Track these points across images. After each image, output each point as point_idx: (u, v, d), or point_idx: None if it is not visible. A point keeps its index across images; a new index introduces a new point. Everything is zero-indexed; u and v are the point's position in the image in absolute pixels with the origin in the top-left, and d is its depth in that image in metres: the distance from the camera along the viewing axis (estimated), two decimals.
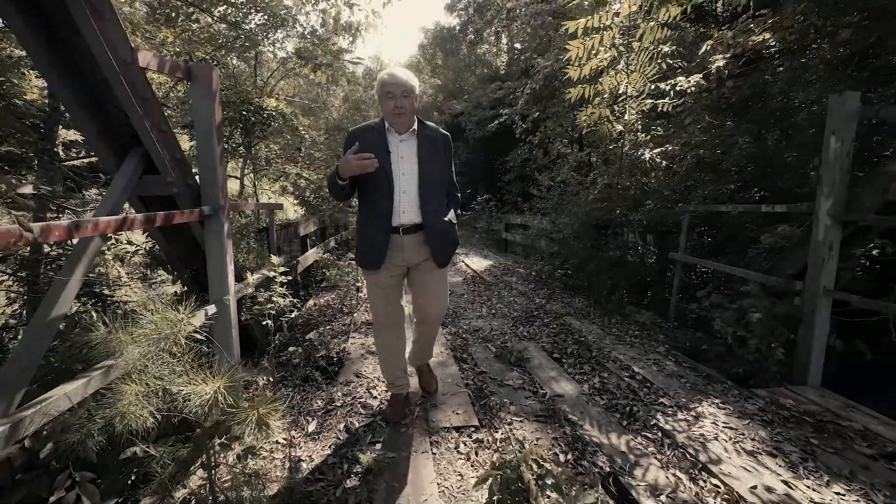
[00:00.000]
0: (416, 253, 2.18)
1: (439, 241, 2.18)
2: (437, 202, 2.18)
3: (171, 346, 1.32)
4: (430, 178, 2.13)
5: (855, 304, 2.85)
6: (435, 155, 2.16)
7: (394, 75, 1.99)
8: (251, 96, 6.63)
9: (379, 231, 2.07)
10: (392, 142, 2.09)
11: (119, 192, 1.97)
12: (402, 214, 2.10)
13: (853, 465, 2.10)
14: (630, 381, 3.04)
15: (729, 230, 5.54)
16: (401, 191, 2.08)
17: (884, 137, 3.87)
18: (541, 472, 1.18)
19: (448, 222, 2.23)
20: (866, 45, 4.92)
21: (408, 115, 2.03)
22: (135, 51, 1.84)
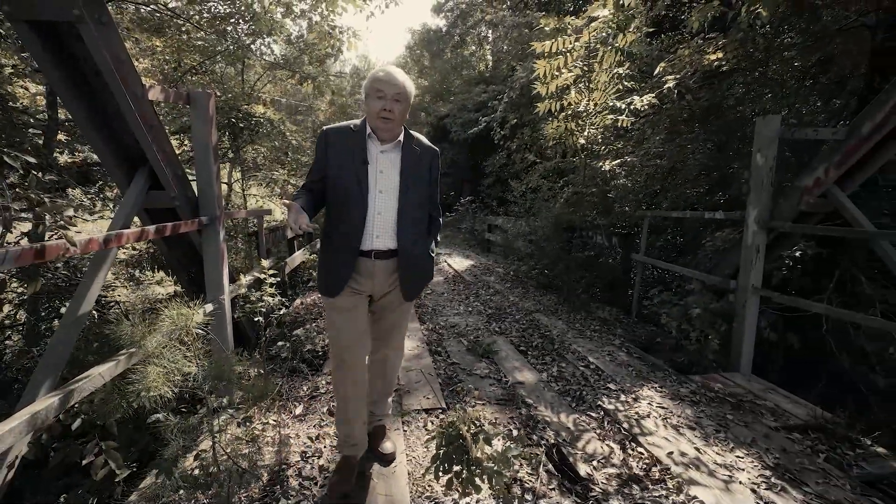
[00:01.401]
0: (386, 281, 1.87)
1: (412, 273, 1.90)
2: (416, 229, 1.86)
3: (183, 335, 1.65)
4: (411, 201, 1.81)
5: (775, 300, 3.27)
6: (420, 173, 1.85)
7: (390, 74, 1.69)
8: (239, 103, 6.89)
9: (346, 253, 1.77)
10: (372, 151, 1.77)
11: (130, 206, 2.27)
12: (376, 238, 1.78)
13: (756, 435, 2.50)
14: (584, 370, 3.42)
15: (692, 233, 6.00)
16: (375, 211, 1.76)
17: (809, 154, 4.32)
18: (476, 430, 1.53)
19: (428, 252, 1.94)
20: (812, 63, 5.40)
21: (396, 122, 1.73)
22: (145, 87, 2.16)
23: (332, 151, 1.77)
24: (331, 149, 1.77)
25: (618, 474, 2.16)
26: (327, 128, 1.83)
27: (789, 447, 2.39)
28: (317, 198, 1.81)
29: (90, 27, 1.82)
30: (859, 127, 2.81)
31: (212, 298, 2.79)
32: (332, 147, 1.77)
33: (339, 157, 1.76)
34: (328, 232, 1.84)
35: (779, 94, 5.36)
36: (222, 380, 1.53)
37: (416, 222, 1.88)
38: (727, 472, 2.15)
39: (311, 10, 6.36)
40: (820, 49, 5.13)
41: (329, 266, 1.84)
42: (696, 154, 5.20)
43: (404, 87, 1.72)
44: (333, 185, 1.77)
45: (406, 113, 1.78)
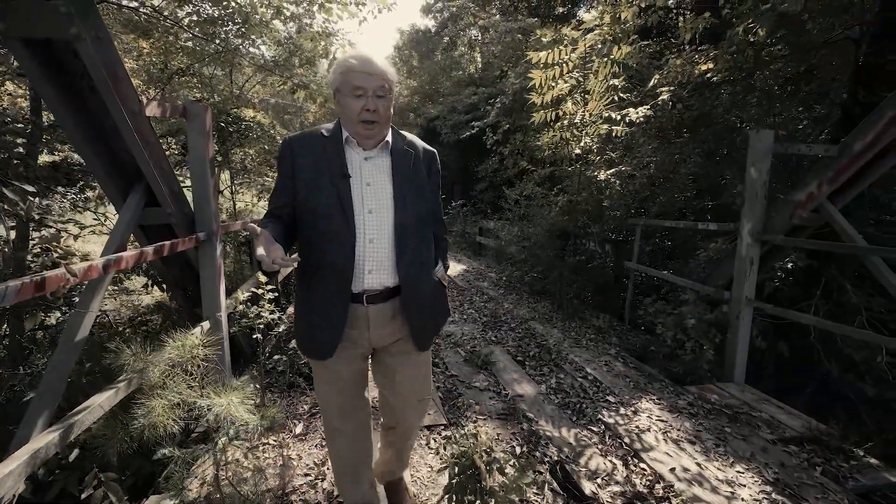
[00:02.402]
0: (388, 330, 1.47)
1: (423, 314, 1.48)
2: (420, 253, 1.46)
3: (189, 366, 1.61)
4: (410, 217, 1.40)
5: (769, 312, 3.33)
6: (419, 180, 1.46)
7: (366, 61, 1.28)
8: (228, 106, 6.77)
9: (331, 300, 1.37)
10: (353, 161, 1.38)
11: (126, 224, 2.21)
12: (368, 275, 1.37)
13: (755, 449, 2.55)
14: (582, 381, 3.44)
15: (682, 238, 6.10)
16: (366, 238, 1.36)
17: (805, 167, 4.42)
18: (489, 459, 1.52)
19: (436, 283, 1.55)
20: (797, 73, 5.53)
21: (383, 123, 1.35)
22: (142, 103, 2.10)
23: (302, 166, 1.36)
24: (299, 162, 1.37)
25: (622, 492, 2.17)
26: (290, 137, 1.42)
27: (787, 461, 2.44)
28: (287, 227, 1.40)
29: (87, 44, 1.76)
30: (851, 145, 2.88)
31: (209, 315, 2.74)
32: (300, 160, 1.37)
33: (311, 172, 1.35)
34: (304, 273, 1.42)
35: (765, 103, 5.49)
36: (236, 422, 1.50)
37: (421, 245, 1.46)
38: (729, 489, 2.18)
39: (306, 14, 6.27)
40: (805, 60, 5.26)
41: (310, 319, 1.42)
42: (688, 162, 5.28)
43: (386, 76, 1.31)
44: (306, 210, 1.36)
45: (391, 107, 1.37)
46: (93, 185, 5.44)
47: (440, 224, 1.63)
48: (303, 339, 1.49)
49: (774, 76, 5.46)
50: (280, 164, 1.43)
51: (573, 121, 4.42)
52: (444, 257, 1.66)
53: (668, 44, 7.14)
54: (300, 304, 1.49)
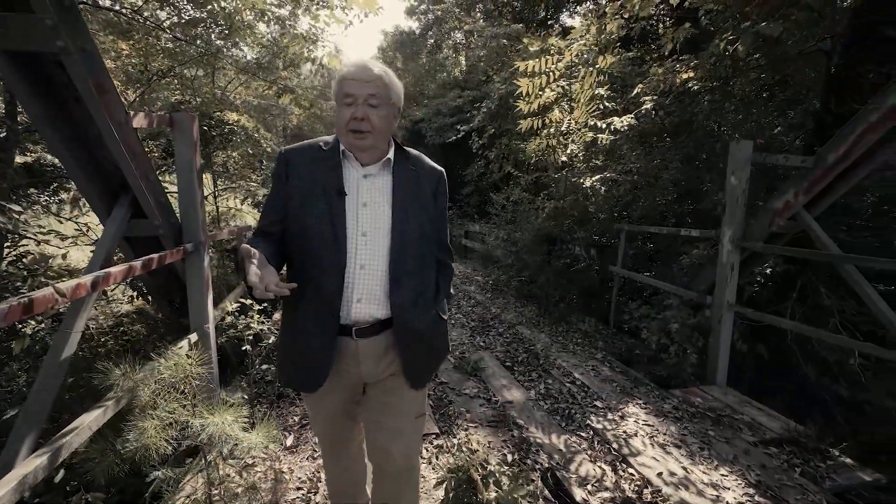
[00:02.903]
0: (379, 364, 1.35)
1: (418, 350, 1.36)
2: (417, 284, 1.33)
3: (181, 384, 1.59)
4: (409, 243, 1.30)
5: (749, 316, 3.44)
6: (422, 203, 1.35)
7: (360, 67, 1.23)
8: (211, 109, 6.66)
9: (317, 331, 1.27)
10: (350, 177, 1.30)
11: (112, 237, 2.17)
12: (356, 304, 1.27)
13: (738, 451, 2.63)
14: (570, 387, 3.49)
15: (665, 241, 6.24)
16: (357, 264, 1.25)
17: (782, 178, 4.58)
18: (485, 473, 1.55)
19: (436, 318, 1.40)
20: (773, 82, 5.73)
21: (376, 135, 1.25)
22: (129, 114, 2.06)
23: (296, 179, 1.28)
24: (294, 175, 1.28)
25: (612, 498, 2.22)
26: (287, 148, 1.34)
27: (768, 463, 2.52)
28: (279, 247, 1.30)
29: (74, 57, 1.73)
30: (825, 157, 3.00)
31: (196, 327, 2.70)
32: (294, 173, 1.28)
33: (305, 187, 1.26)
34: (290, 299, 1.24)
35: (742, 111, 5.67)
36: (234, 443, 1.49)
37: (418, 275, 1.33)
38: (714, 492, 2.25)
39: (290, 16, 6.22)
40: (781, 70, 5.45)
41: (294, 349, 1.32)
42: (670, 168, 5.41)
43: (382, 82, 1.23)
44: (295, 228, 1.27)
45: (391, 121, 1.28)
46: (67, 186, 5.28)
47: (446, 250, 1.48)
48: (286, 369, 1.38)
49: (751, 85, 5.64)
50: (274, 177, 1.33)
51: (560, 129, 4.49)
52: (447, 287, 1.50)
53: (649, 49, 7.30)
54: (284, 333, 1.38)
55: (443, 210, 1.44)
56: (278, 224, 1.31)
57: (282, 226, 1.31)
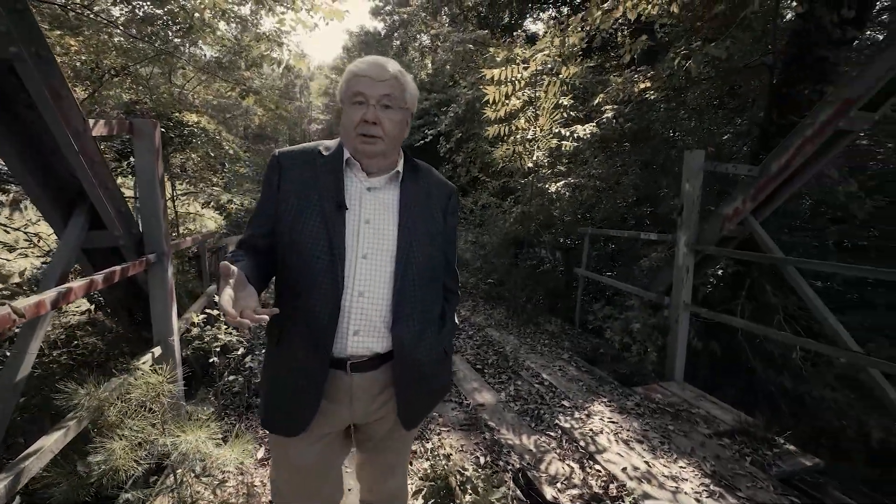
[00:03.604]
0: (373, 403, 1.20)
1: (419, 390, 1.22)
2: (423, 316, 1.18)
3: (151, 404, 1.55)
4: (415, 268, 1.15)
5: (703, 315, 3.65)
6: (432, 223, 1.21)
7: (375, 65, 1.09)
8: (169, 110, 6.41)
9: (306, 363, 1.12)
10: (352, 189, 1.15)
11: (69, 250, 2.07)
12: (353, 337, 1.12)
13: (695, 444, 2.80)
14: (539, 387, 3.60)
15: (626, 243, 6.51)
16: (355, 290, 1.11)
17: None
18: (462, 479, 1.60)
19: (441, 354, 1.26)
20: (722, 92, 6.09)
21: (387, 141, 1.11)
22: (87, 122, 1.98)
23: (289, 188, 1.13)
24: (287, 183, 1.13)
25: (580, 495, 2.32)
26: (282, 151, 1.18)
27: (722, 453, 2.70)
28: (264, 263, 1.15)
29: (28, 63, 1.65)
30: (769, 166, 3.24)
31: (160, 340, 2.61)
32: (288, 181, 1.13)
33: (300, 198, 1.12)
34: (275, 324, 1.15)
35: (695, 119, 6.01)
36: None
37: (424, 305, 1.18)
38: (674, 484, 2.39)
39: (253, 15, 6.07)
40: (729, 82, 5.81)
41: (280, 385, 1.16)
42: (629, 173, 5.66)
43: (397, 82, 1.10)
44: (286, 245, 1.12)
45: (404, 127, 1.15)
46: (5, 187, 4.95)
47: (452, 276, 1.34)
48: (267, 407, 1.19)
49: (703, 95, 5.99)
50: (265, 183, 1.18)
51: (525, 136, 4.62)
52: (452, 317, 1.33)
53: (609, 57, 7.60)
54: (269, 365, 1.21)
55: (453, 230, 1.30)
56: (267, 237, 1.16)
57: (271, 239, 1.16)
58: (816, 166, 3.31)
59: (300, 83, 24.38)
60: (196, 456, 1.48)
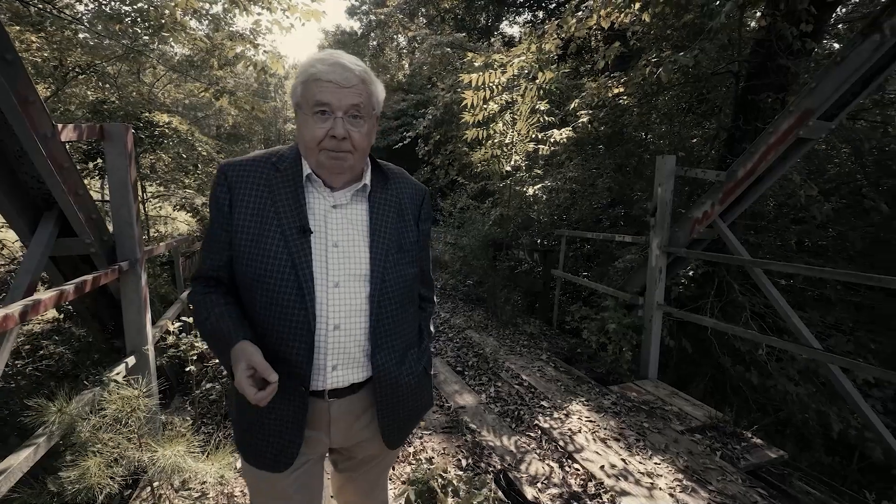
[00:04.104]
0: (353, 427, 1.13)
1: (401, 411, 1.13)
2: (403, 338, 1.12)
3: (128, 419, 1.52)
4: (392, 291, 1.06)
5: (675, 315, 3.78)
6: (404, 237, 1.10)
7: (338, 66, 0.94)
8: (139, 110, 6.22)
9: (281, 404, 1.01)
10: (316, 208, 1.02)
11: (37, 260, 1.99)
12: (332, 372, 1.03)
13: (668, 440, 2.90)
14: (519, 388, 3.65)
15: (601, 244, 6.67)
16: (329, 324, 1.00)
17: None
18: (444, 483, 1.62)
19: (423, 373, 1.18)
20: (692, 98, 6.30)
21: (357, 156, 0.99)
22: (56, 127, 1.92)
23: (242, 210, 0.99)
24: (240, 205, 0.99)
25: (560, 494, 2.37)
26: (228, 164, 1.02)
27: (694, 449, 2.81)
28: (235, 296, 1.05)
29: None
30: (735, 171, 3.38)
31: (134, 349, 2.54)
32: (241, 201, 0.99)
33: (256, 221, 0.98)
34: None
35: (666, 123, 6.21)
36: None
37: (403, 328, 1.10)
38: (650, 480, 2.47)
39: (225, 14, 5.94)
40: (698, 88, 6.02)
41: (256, 424, 1.04)
42: (604, 176, 5.81)
43: (365, 88, 0.96)
44: (246, 274, 0.99)
45: (373, 135, 1.03)
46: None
47: (428, 284, 1.26)
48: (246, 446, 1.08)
49: (673, 100, 6.19)
50: (213, 204, 1.01)
51: (503, 140, 4.69)
52: (428, 327, 1.27)
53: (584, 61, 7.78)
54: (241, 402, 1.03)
55: (426, 236, 1.19)
56: (228, 268, 1.03)
57: (232, 270, 1.03)
58: (780, 171, 3.47)
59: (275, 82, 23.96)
60: (174, 471, 1.46)
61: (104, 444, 1.50)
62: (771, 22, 3.80)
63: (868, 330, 4.43)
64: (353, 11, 22.70)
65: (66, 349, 3.26)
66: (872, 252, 4.96)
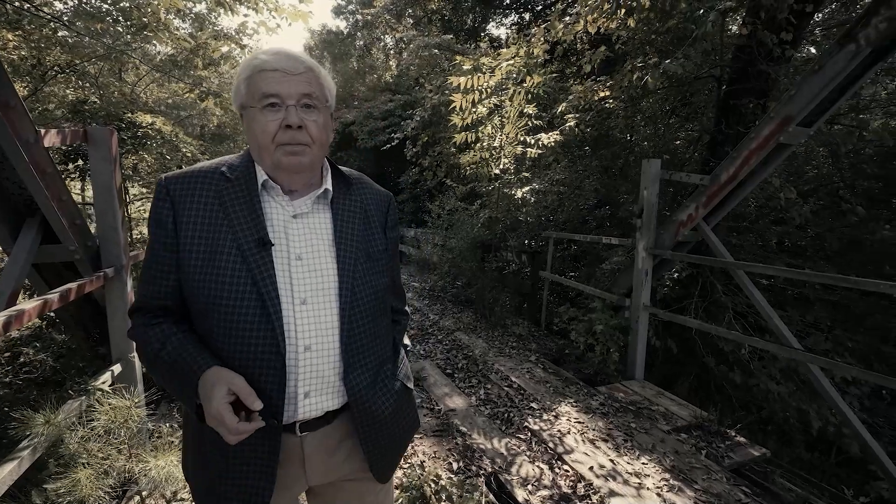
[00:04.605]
0: (331, 463, 1.01)
1: (384, 436, 1.02)
2: (377, 354, 1.02)
3: (119, 430, 1.50)
4: (363, 305, 0.97)
5: (661, 317, 3.85)
6: (372, 246, 1.02)
7: (285, 55, 0.89)
8: (121, 110, 6.10)
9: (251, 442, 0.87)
10: (275, 219, 0.94)
11: (20, 268, 1.95)
12: (304, 400, 0.93)
13: (655, 440, 2.95)
14: (508, 390, 3.68)
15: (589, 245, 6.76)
16: (298, 345, 0.91)
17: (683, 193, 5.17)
18: (437, 488, 1.63)
19: (401, 389, 1.07)
20: (675, 101, 6.42)
21: (315, 149, 0.92)
22: (39, 132, 1.88)
23: (189, 228, 0.89)
24: (186, 223, 0.89)
25: (550, 495, 2.40)
26: (170, 178, 0.93)
27: (680, 448, 2.87)
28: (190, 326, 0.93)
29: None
30: (719, 175, 3.46)
31: (120, 357, 2.50)
32: (187, 219, 0.89)
33: (206, 239, 0.88)
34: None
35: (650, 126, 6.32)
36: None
37: (376, 343, 1.02)
38: (637, 480, 2.52)
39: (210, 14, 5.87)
40: (681, 92, 6.14)
41: (217, 460, 0.91)
42: (591, 177, 5.89)
43: (315, 77, 0.91)
44: (198, 299, 0.88)
45: (329, 131, 0.97)
46: None
47: (400, 296, 1.19)
48: (203, 492, 0.95)
49: (658, 103, 6.30)
50: (153, 223, 0.90)
51: (492, 144, 4.72)
52: (402, 340, 1.20)
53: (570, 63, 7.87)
54: (199, 442, 0.93)
55: (395, 244, 1.12)
56: (175, 294, 0.91)
57: (181, 296, 0.91)
58: (761, 176, 3.56)
59: None
60: (167, 481, 1.44)
61: (93, 456, 1.47)
62: (752, 30, 3.90)
63: (845, 328, 4.58)
64: (340, 11, 22.56)
65: (49, 356, 3.19)
66: (848, 252, 5.12)
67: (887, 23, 2.50)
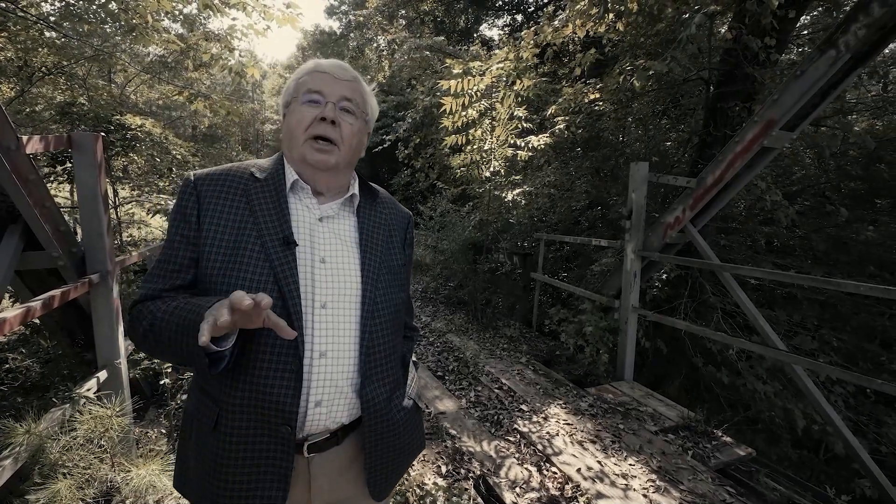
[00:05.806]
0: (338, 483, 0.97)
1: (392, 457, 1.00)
2: (394, 370, 1.01)
3: (100, 439, 1.50)
4: (383, 316, 0.96)
5: (650, 318, 3.89)
6: (392, 259, 1.02)
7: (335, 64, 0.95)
8: (110, 112, 6.04)
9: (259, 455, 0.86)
10: (301, 220, 0.93)
11: (1, 276, 1.92)
12: (314, 409, 0.89)
13: (643, 441, 2.98)
14: (498, 392, 3.70)
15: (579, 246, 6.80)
16: (315, 350, 0.88)
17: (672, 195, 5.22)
18: (422, 494, 1.64)
19: (413, 408, 1.08)
20: (665, 103, 6.47)
21: (344, 152, 0.93)
22: (21, 139, 1.86)
23: (215, 225, 0.88)
24: (210, 219, 0.89)
25: (538, 498, 2.42)
26: (199, 176, 0.92)
27: (667, 449, 2.89)
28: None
29: None
30: (705, 178, 3.49)
31: (106, 363, 2.49)
32: (211, 215, 0.89)
33: (231, 235, 0.88)
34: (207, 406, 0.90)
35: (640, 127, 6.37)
36: None
37: (393, 357, 1.00)
38: (624, 482, 2.54)
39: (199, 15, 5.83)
40: (671, 94, 6.19)
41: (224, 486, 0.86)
42: (581, 179, 5.93)
43: (359, 87, 0.96)
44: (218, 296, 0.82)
45: (362, 141, 0.99)
46: None
47: (411, 312, 1.19)
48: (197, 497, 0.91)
49: (648, 105, 6.35)
50: (177, 219, 0.90)
51: (482, 147, 4.74)
52: (410, 353, 1.17)
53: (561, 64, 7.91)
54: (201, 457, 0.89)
55: (410, 262, 1.13)
56: (188, 290, 0.89)
57: (193, 292, 0.89)
58: (746, 179, 3.60)
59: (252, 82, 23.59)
60: (149, 490, 1.44)
61: (75, 465, 1.47)
62: (737, 34, 3.94)
63: (832, 328, 4.64)
64: (332, 11, 22.53)
65: (35, 362, 3.16)
66: (834, 253, 5.19)
67: (866, 29, 2.54)
